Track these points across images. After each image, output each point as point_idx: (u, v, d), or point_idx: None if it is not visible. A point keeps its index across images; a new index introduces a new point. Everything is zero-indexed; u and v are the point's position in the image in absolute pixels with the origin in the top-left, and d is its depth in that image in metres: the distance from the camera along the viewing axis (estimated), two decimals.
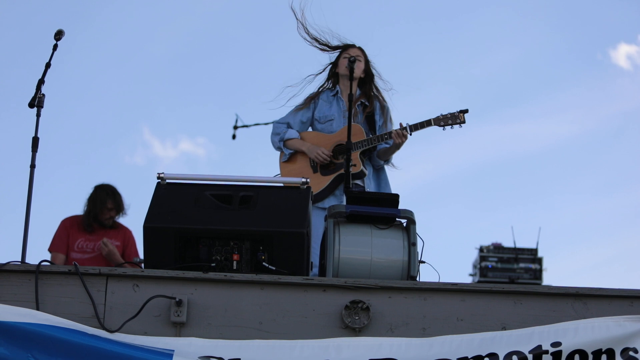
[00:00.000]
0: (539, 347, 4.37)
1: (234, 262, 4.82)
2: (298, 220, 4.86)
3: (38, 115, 5.29)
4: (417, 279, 5.02)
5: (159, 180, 5.05)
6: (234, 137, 15.19)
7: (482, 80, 18.46)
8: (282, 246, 4.79)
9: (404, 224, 5.14)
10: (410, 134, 6.34)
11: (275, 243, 4.80)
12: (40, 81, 5.34)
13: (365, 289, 4.62)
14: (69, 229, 7.33)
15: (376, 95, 6.63)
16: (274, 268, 4.76)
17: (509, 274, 14.18)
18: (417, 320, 4.59)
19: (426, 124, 6.36)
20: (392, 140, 6.34)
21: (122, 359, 4.34)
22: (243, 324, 4.56)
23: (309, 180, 5.09)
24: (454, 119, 6.31)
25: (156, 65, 18.18)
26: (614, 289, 4.64)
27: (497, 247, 14.51)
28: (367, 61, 6.63)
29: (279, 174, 6.56)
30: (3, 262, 4.61)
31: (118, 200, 7.39)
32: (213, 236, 4.83)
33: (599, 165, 18.59)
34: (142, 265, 4.99)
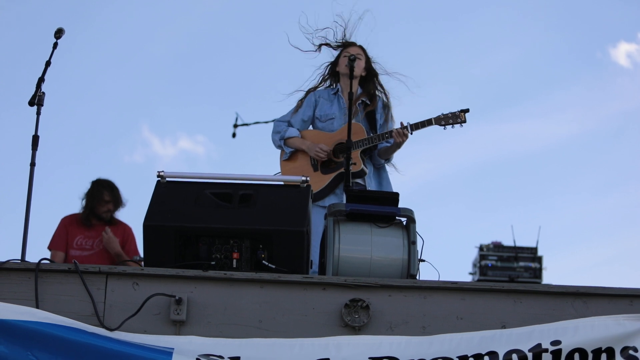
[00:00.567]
0: (539, 345, 4.36)
1: (234, 261, 4.81)
2: (298, 219, 4.86)
3: (38, 113, 5.30)
4: (417, 277, 5.02)
5: (159, 178, 5.05)
6: (234, 135, 15.16)
7: (482, 80, 18.46)
8: (282, 244, 4.79)
9: (404, 223, 5.14)
10: (411, 133, 6.33)
11: (275, 241, 4.79)
12: (40, 79, 5.35)
13: (365, 288, 4.62)
14: (68, 227, 7.33)
15: (379, 93, 6.62)
16: (273, 266, 4.76)
17: (508, 273, 14.16)
18: (417, 318, 4.58)
19: (427, 123, 6.35)
20: (393, 140, 6.34)
21: (121, 357, 4.34)
22: (243, 322, 4.56)
23: (308, 178, 5.09)
24: (455, 118, 6.31)
25: (156, 64, 18.19)
26: (614, 287, 4.63)
27: (497, 246, 14.49)
28: (368, 59, 6.62)
29: (279, 173, 6.56)
30: (3, 260, 4.60)
31: (115, 194, 7.35)
32: (213, 234, 4.82)
33: (598, 164, 18.59)
34: (142, 263, 4.98)
